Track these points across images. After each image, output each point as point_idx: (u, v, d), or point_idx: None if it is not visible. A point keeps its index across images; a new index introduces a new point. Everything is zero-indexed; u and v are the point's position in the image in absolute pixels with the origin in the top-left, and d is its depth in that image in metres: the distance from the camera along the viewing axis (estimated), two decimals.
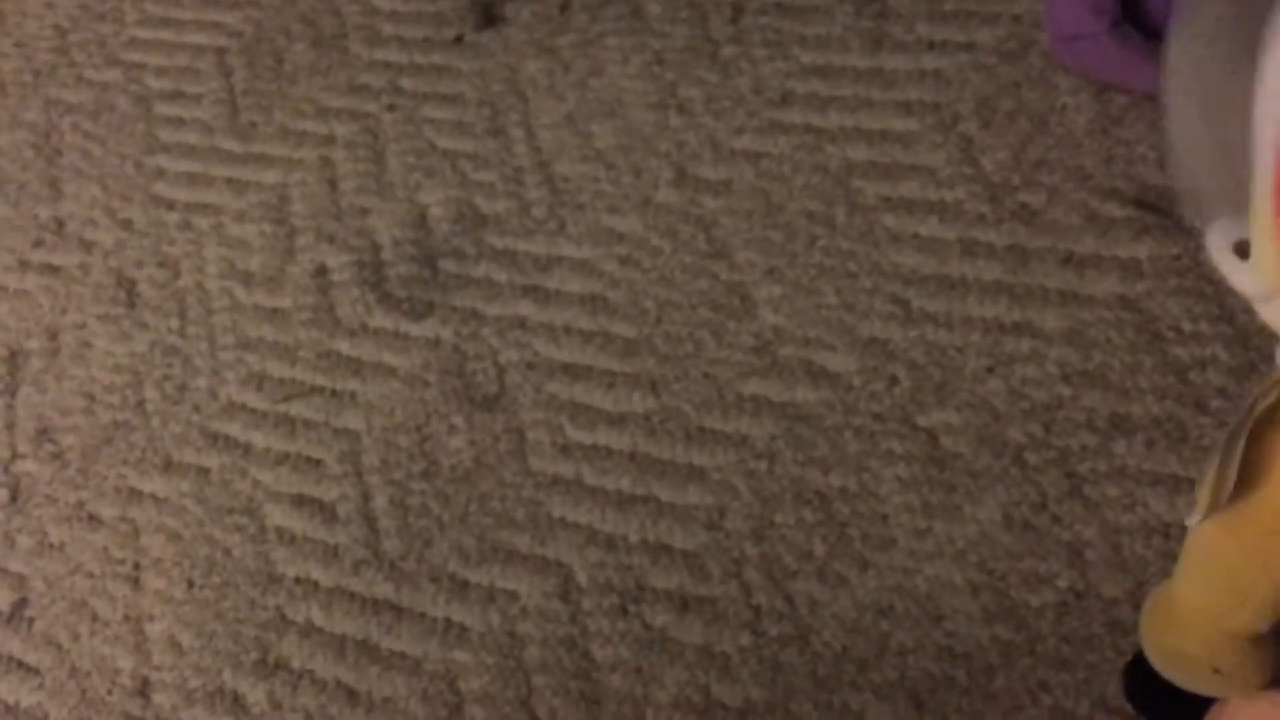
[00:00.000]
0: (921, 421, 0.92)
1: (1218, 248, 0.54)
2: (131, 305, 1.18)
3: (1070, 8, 1.01)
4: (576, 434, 0.99)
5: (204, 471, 1.05)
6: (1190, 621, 0.64)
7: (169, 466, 1.07)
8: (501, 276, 1.09)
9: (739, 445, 0.95)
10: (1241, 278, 0.54)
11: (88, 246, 1.23)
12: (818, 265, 1.01)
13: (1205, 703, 0.69)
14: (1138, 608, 0.80)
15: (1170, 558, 0.82)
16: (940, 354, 0.94)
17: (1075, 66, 1.03)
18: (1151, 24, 1.01)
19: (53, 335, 1.18)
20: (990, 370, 0.92)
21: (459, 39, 1.26)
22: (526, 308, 1.06)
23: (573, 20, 1.24)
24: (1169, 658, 0.66)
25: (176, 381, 1.11)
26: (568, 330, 1.04)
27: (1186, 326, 0.90)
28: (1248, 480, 0.57)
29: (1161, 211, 0.95)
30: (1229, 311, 0.90)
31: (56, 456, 1.10)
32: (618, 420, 0.98)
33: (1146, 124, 1.00)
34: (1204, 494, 0.59)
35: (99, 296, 1.19)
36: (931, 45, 1.10)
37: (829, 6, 1.15)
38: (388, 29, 1.30)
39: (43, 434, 1.12)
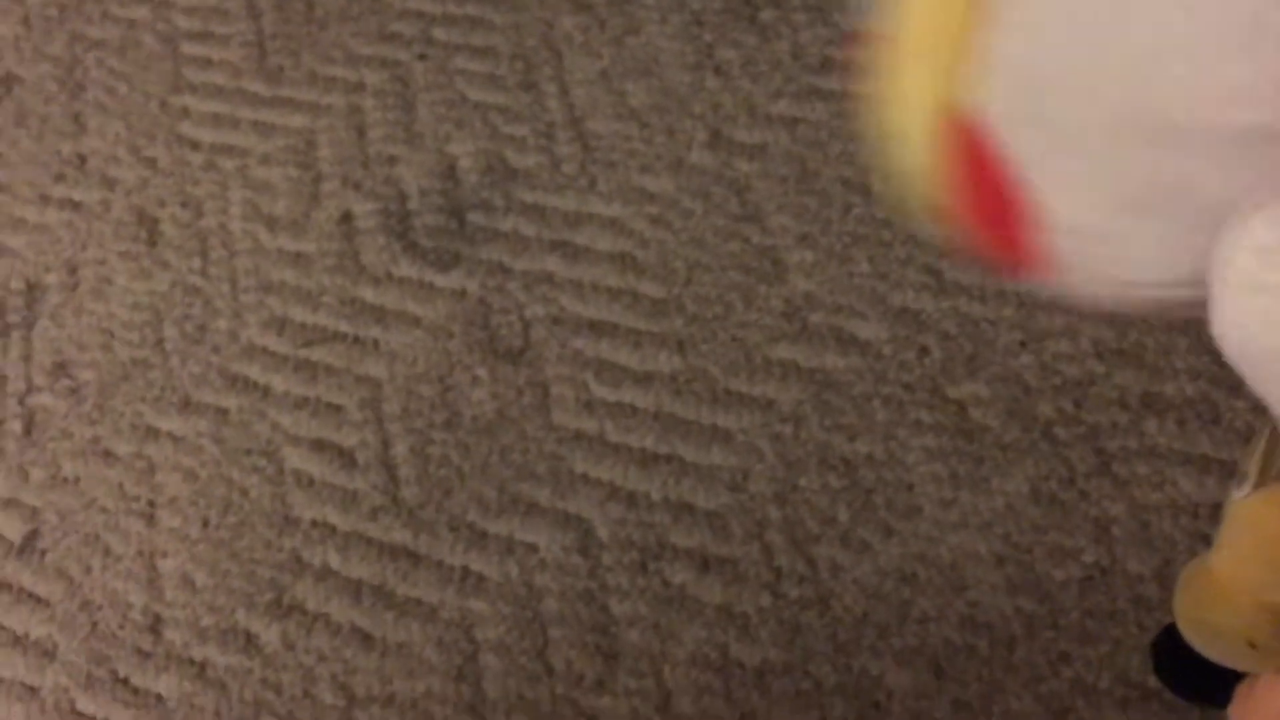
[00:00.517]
0: (951, 393, 0.91)
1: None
2: (153, 244, 1.17)
3: None
4: (601, 391, 0.98)
5: (222, 412, 1.05)
6: (1227, 594, 0.64)
7: (187, 405, 1.06)
8: (530, 231, 1.08)
9: (765, 408, 0.94)
10: None
11: (110, 183, 1.22)
12: (851, 233, 1.01)
13: (1234, 678, 0.69)
14: (1163, 585, 0.80)
15: (1198, 537, 0.82)
16: (972, 326, 0.94)
17: None
18: None
19: (72, 270, 1.17)
20: (1023, 344, 0.92)
21: None
22: (554, 263, 1.06)
23: None
24: (1203, 630, 0.66)
25: (196, 321, 1.11)
26: (595, 287, 1.03)
27: None
28: None
29: None
30: None
31: (73, 391, 1.09)
32: (643, 379, 0.98)
33: None
34: (1252, 468, 0.59)
35: (120, 233, 1.18)
36: None
37: None
38: None
39: (60, 368, 1.11)
